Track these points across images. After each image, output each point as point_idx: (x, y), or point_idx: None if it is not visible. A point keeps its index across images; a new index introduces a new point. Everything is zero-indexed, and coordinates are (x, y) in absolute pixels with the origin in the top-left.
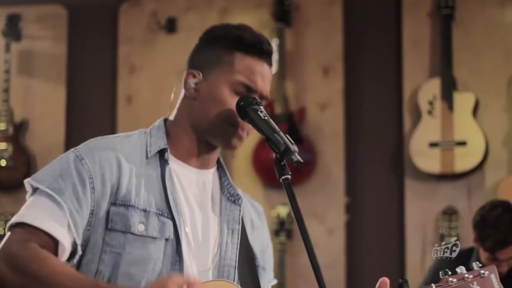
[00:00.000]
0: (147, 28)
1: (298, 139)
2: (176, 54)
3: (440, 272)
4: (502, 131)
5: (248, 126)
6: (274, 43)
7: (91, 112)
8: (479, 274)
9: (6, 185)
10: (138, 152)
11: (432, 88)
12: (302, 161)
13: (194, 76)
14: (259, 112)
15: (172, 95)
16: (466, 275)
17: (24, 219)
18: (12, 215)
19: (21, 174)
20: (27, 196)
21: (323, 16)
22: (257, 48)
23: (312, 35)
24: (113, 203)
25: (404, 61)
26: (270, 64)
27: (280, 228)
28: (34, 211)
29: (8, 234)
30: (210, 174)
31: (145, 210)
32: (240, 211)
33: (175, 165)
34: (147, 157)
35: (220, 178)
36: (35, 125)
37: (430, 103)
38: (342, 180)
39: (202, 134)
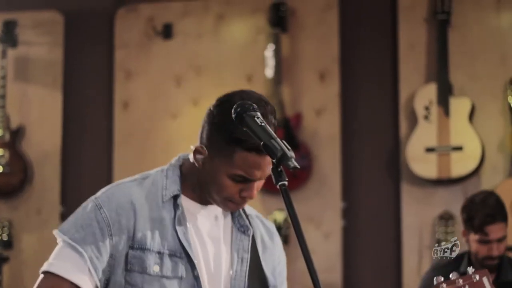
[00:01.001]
0: (144, 33)
1: (294, 145)
2: (172, 60)
3: (434, 279)
4: (498, 135)
5: (253, 188)
6: (270, 49)
7: (87, 117)
8: (471, 278)
9: (2, 191)
10: (154, 195)
11: (428, 93)
12: (299, 167)
13: (201, 153)
14: (255, 118)
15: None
16: (459, 281)
17: (52, 269)
18: (9, 221)
19: (17, 180)
20: (57, 239)
21: (319, 21)
22: (255, 146)
23: (308, 40)
24: (131, 247)
25: (400, 66)
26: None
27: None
28: (60, 261)
29: (40, 278)
30: (219, 209)
31: (159, 252)
32: (249, 241)
33: (188, 204)
34: (162, 201)
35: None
36: (32, 131)
37: (426, 108)
38: (339, 185)
39: (203, 191)
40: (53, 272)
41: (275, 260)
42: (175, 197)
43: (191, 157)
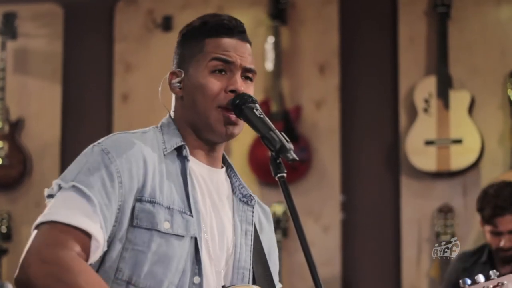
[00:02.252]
0: (143, 26)
1: (294, 137)
2: (172, 52)
3: (460, 281)
4: (498, 129)
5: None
6: (270, 41)
7: (87, 110)
8: (498, 284)
9: (2, 184)
10: (156, 149)
11: (428, 86)
12: (297, 159)
13: (177, 75)
14: (254, 110)
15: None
16: (485, 285)
17: (55, 217)
18: (8, 213)
19: (17, 172)
20: (47, 193)
21: (319, 14)
22: (224, 28)
23: (308, 33)
24: (139, 200)
25: (400, 59)
26: (243, 40)
27: (276, 226)
28: (63, 208)
29: (35, 233)
30: (222, 174)
31: (169, 208)
32: (252, 212)
33: (190, 162)
34: (164, 154)
35: (230, 178)
36: (31, 123)
37: (426, 101)
38: (338, 178)
39: (199, 132)
40: (55, 220)
41: (271, 245)
42: (179, 150)
43: (172, 104)
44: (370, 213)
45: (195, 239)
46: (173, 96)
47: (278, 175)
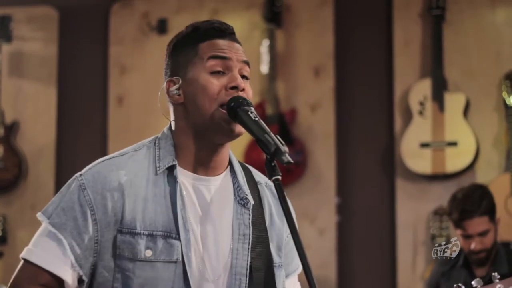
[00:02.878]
0: (138, 29)
1: (289, 140)
2: None
3: (454, 286)
4: (493, 131)
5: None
6: (265, 44)
7: (82, 113)
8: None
9: None
10: (146, 169)
11: (423, 88)
12: (292, 162)
13: (174, 83)
14: (249, 113)
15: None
16: None
17: (32, 258)
18: (3, 216)
19: (12, 176)
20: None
21: (314, 17)
22: (214, 30)
23: (303, 36)
24: (120, 231)
25: (395, 62)
26: (235, 40)
27: None
28: (40, 249)
29: (20, 265)
30: (218, 181)
31: (151, 235)
32: (249, 215)
33: (184, 178)
34: (156, 173)
35: (232, 181)
36: (26, 126)
37: (421, 103)
38: (333, 181)
39: (205, 135)
40: (32, 262)
41: (283, 237)
42: (170, 169)
43: (171, 115)
44: (365, 215)
45: (182, 261)
46: (171, 106)
47: (273, 178)
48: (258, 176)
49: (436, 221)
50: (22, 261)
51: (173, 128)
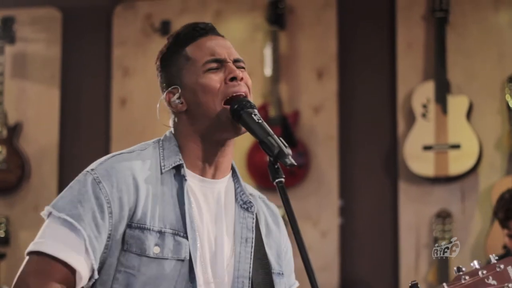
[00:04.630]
0: (141, 31)
1: (292, 142)
2: None
3: (454, 269)
4: (496, 134)
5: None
6: (268, 46)
7: (85, 114)
8: (495, 268)
9: (0, 188)
10: (153, 168)
11: (426, 91)
12: (295, 164)
13: (173, 93)
14: (253, 115)
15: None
16: (481, 271)
17: (42, 248)
18: (6, 217)
19: (15, 177)
20: (43, 214)
21: (317, 19)
22: (194, 31)
23: (306, 38)
24: (129, 225)
25: (398, 64)
26: (218, 34)
27: None
28: (52, 239)
29: (26, 260)
30: (224, 183)
31: (160, 232)
32: (253, 218)
33: (190, 180)
34: (161, 173)
35: (234, 185)
36: (29, 127)
37: (424, 106)
38: (336, 183)
39: (210, 134)
40: (44, 252)
41: (281, 247)
42: (177, 168)
43: (171, 122)
44: (368, 218)
45: (189, 260)
46: (172, 116)
47: (276, 180)
48: (251, 189)
49: (439, 223)
50: (27, 257)
51: (174, 132)
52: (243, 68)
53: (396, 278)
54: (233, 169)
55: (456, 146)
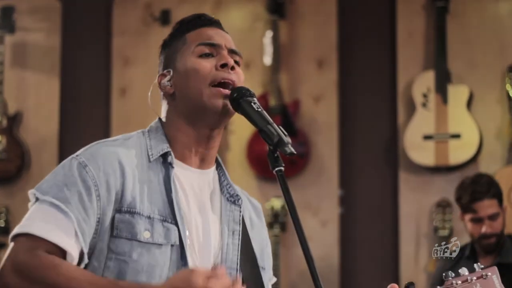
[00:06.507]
0: (141, 20)
1: (292, 131)
2: None
3: (443, 274)
4: (496, 123)
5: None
6: (268, 35)
7: (85, 104)
8: (482, 276)
9: (0, 178)
10: (139, 156)
11: (426, 80)
12: (295, 153)
13: (165, 76)
14: (252, 104)
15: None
16: (470, 277)
17: (30, 229)
18: (6, 207)
19: (14, 167)
20: (29, 205)
21: (317, 9)
22: (200, 20)
23: (306, 27)
24: (118, 210)
25: (398, 54)
26: (222, 29)
27: (274, 221)
28: (39, 221)
29: (12, 244)
30: (210, 174)
31: (149, 217)
32: (240, 211)
33: (177, 169)
34: (149, 161)
35: (219, 178)
36: (29, 117)
37: (424, 95)
38: (336, 173)
39: (195, 119)
40: (33, 233)
41: (263, 241)
42: (164, 156)
43: (163, 108)
44: (368, 207)
45: (178, 246)
46: (164, 101)
47: (276, 169)
48: (233, 184)
49: (439, 213)
50: (12, 243)
51: (164, 120)
52: (237, 61)
53: (396, 268)
54: (217, 161)
55: (456, 136)
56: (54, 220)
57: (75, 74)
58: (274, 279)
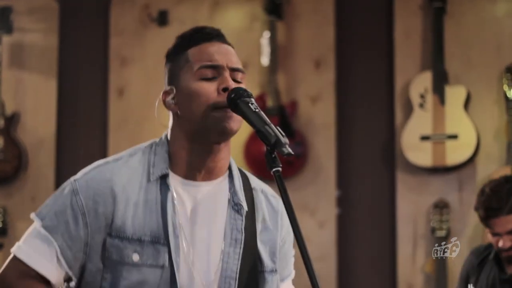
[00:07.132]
0: (139, 20)
1: (290, 132)
2: (168, 47)
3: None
4: (494, 124)
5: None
6: (266, 36)
7: (82, 104)
8: None
9: None
10: (139, 175)
11: (423, 81)
12: (293, 153)
13: (169, 93)
14: (250, 104)
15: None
16: None
17: (20, 255)
18: (3, 208)
19: (12, 167)
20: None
21: (314, 9)
22: (202, 34)
23: (303, 28)
24: (109, 234)
25: (396, 54)
26: (224, 42)
27: None
28: (29, 247)
29: (9, 261)
30: (217, 185)
31: (140, 240)
32: (243, 220)
33: (178, 185)
34: (149, 180)
35: (229, 186)
36: (27, 117)
37: (422, 96)
38: (334, 173)
39: (196, 137)
40: (20, 259)
41: (276, 242)
42: (163, 177)
43: (170, 122)
44: (365, 208)
45: (169, 266)
46: (170, 114)
47: (274, 169)
48: (255, 182)
49: (436, 214)
50: (12, 255)
51: (168, 137)
52: (239, 80)
53: (393, 268)
54: (230, 170)
55: (453, 136)
56: (39, 248)
57: (72, 74)
58: (292, 275)
